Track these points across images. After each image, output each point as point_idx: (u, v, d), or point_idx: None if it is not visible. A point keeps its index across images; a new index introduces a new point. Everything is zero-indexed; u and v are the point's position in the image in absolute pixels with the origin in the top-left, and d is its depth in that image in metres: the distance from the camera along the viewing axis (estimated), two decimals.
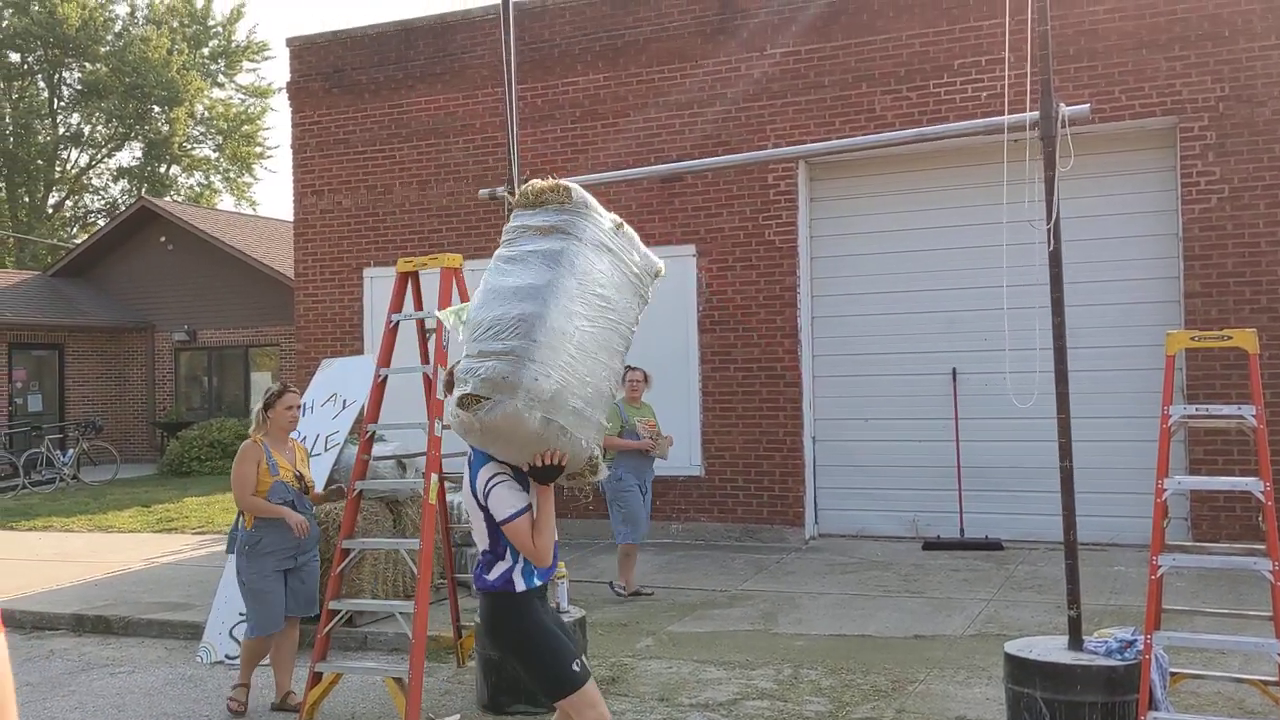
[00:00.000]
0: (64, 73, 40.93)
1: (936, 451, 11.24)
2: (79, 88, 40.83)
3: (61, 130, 41.44)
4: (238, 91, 44.55)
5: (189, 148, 43.02)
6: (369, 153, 13.62)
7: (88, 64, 40.07)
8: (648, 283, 4.45)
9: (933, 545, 10.85)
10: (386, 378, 6.90)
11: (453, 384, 4.19)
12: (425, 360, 7.03)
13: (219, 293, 24.17)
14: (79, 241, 32.77)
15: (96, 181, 43.66)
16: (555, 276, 4.02)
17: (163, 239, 24.96)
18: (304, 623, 7.92)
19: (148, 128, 41.19)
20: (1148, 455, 7.34)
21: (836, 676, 6.88)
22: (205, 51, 43.17)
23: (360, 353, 13.01)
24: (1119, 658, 5.26)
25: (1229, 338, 5.58)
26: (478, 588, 4.25)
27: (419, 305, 6.98)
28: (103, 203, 43.37)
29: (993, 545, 10.64)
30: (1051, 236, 5.61)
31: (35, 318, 23.25)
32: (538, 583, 4.16)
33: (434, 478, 6.40)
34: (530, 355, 3.88)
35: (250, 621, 6.62)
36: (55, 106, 41.29)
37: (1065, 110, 5.65)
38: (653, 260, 4.50)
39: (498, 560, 4.15)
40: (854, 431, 11.69)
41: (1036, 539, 10.54)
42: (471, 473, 4.18)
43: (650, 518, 9.62)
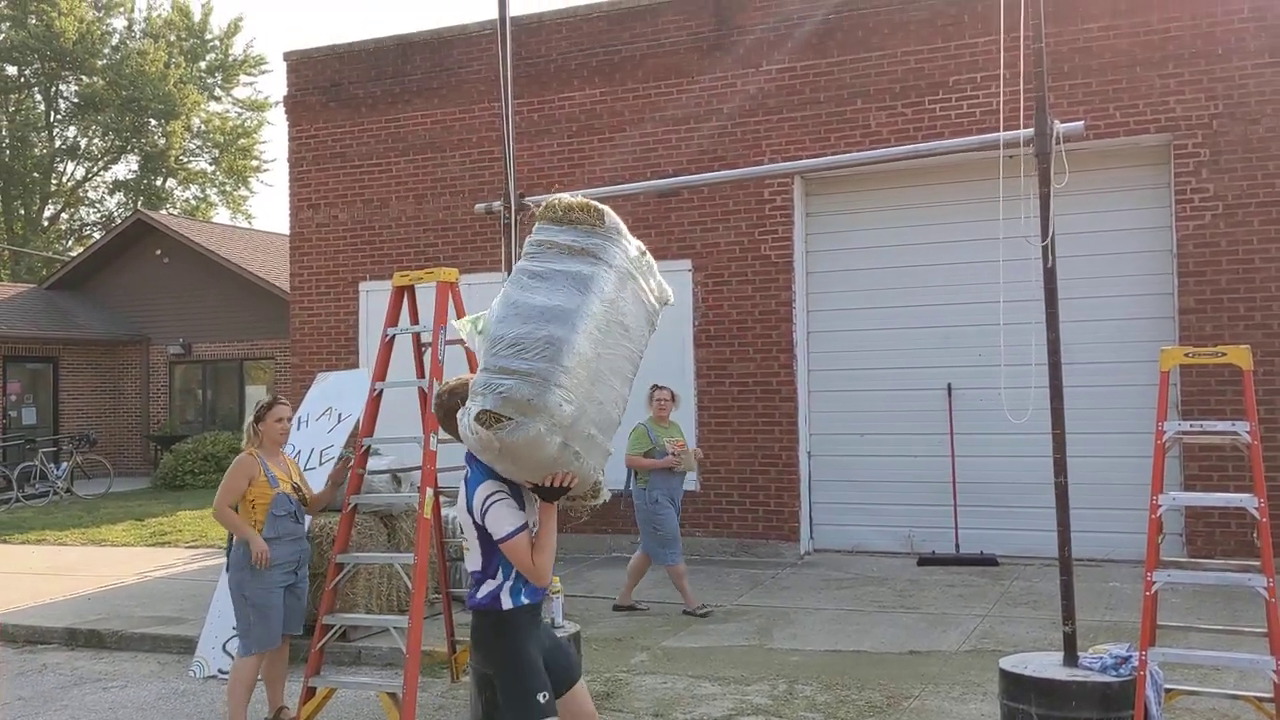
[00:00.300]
0: (60, 86, 40.99)
1: (932, 467, 11.24)
2: (75, 101, 40.89)
3: (58, 143, 41.48)
4: (234, 105, 44.68)
5: (185, 161, 43.07)
6: (365, 166, 13.64)
7: (84, 77, 40.12)
8: (659, 311, 4.42)
9: (928, 561, 10.84)
10: (382, 392, 6.89)
11: (460, 397, 4.14)
12: (421, 375, 7.03)
13: (214, 306, 24.17)
14: (74, 254, 32.77)
15: (92, 194, 43.75)
16: (585, 302, 3.97)
17: (158, 252, 24.96)
18: (296, 637, 7.91)
19: (144, 141, 41.24)
20: (1142, 471, 7.35)
21: (831, 692, 6.86)
22: (202, 65, 43.26)
23: (356, 366, 13.00)
24: (1114, 674, 5.25)
25: (1223, 354, 5.59)
26: (468, 605, 4.23)
27: (415, 319, 6.98)
28: (98, 216, 43.42)
29: (988, 561, 10.64)
30: (1047, 253, 5.62)
31: (30, 330, 23.23)
32: (525, 601, 4.11)
33: (429, 492, 6.39)
34: (555, 379, 3.83)
35: (251, 637, 6.40)
36: (52, 119, 41.33)
37: (1060, 127, 5.68)
38: (665, 289, 4.47)
39: (488, 579, 4.13)
40: (849, 446, 11.69)
41: (1031, 555, 10.53)
42: (468, 490, 4.13)
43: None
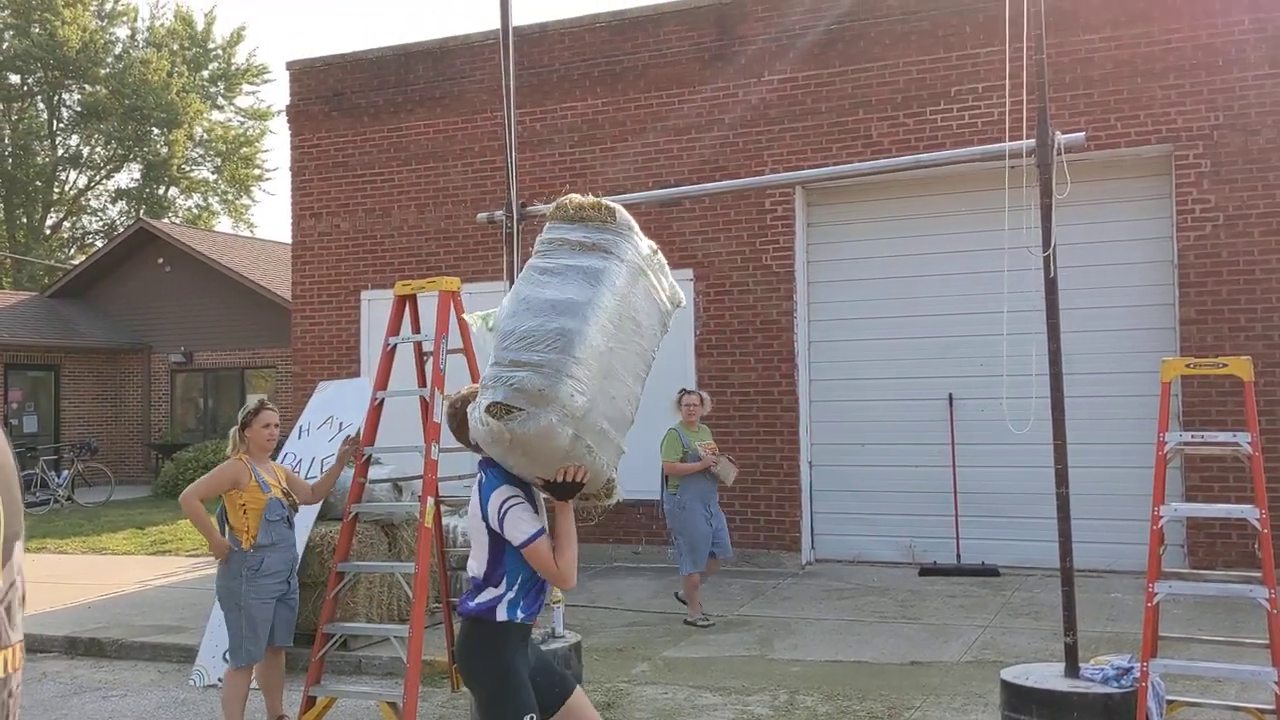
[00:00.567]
0: (63, 94, 41.04)
1: (933, 477, 11.23)
2: (78, 109, 40.94)
3: (60, 151, 41.53)
4: (237, 114, 44.70)
5: (187, 170, 43.11)
6: (367, 176, 13.66)
7: (87, 86, 40.19)
8: (671, 312, 4.41)
9: (929, 571, 10.83)
10: (383, 400, 6.89)
11: (470, 398, 4.12)
12: (422, 383, 7.03)
13: (216, 314, 24.18)
14: (76, 262, 32.80)
15: (95, 203, 43.76)
16: (596, 295, 3.97)
17: (160, 260, 24.98)
18: (298, 645, 7.90)
19: (146, 150, 41.29)
20: (1144, 482, 7.34)
21: (833, 703, 6.85)
22: (205, 74, 43.32)
23: (357, 375, 13.00)
24: (1115, 685, 5.25)
25: (1224, 365, 5.60)
26: (459, 612, 4.13)
27: (416, 328, 6.99)
28: (101, 224, 43.46)
29: (989, 571, 10.62)
30: (1048, 263, 5.63)
31: (32, 338, 23.24)
32: (520, 617, 4.02)
33: (430, 501, 6.39)
34: (567, 370, 3.81)
35: (243, 649, 6.30)
36: (54, 128, 41.39)
37: (1061, 138, 5.69)
38: (678, 291, 4.47)
39: (489, 587, 4.03)
40: (851, 456, 11.68)
41: (1033, 565, 10.51)
42: (482, 496, 4.04)
43: (727, 535, 9.32)
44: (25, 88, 40.53)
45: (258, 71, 44.11)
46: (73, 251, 42.13)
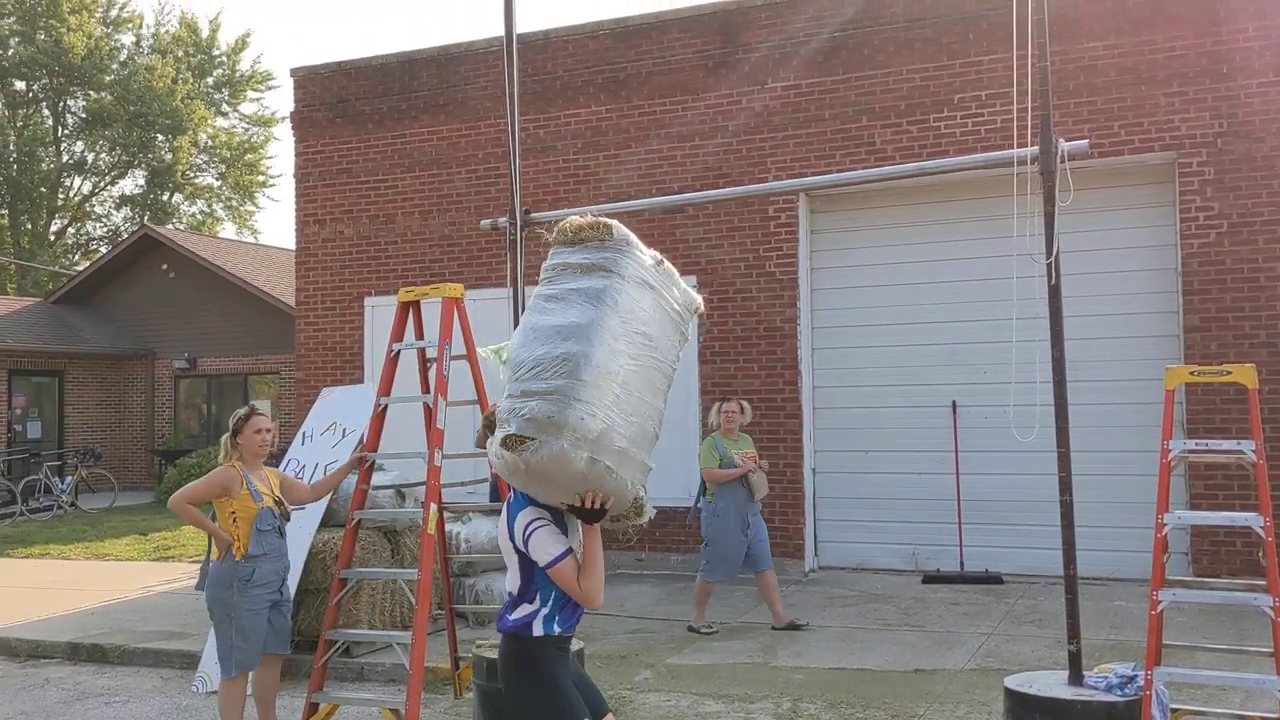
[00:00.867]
0: (68, 101, 41.15)
1: (936, 484, 11.22)
2: (83, 116, 41.04)
3: (65, 158, 41.63)
4: (241, 120, 44.82)
5: (192, 176, 43.19)
6: (371, 182, 13.68)
7: (92, 92, 40.29)
8: (687, 319, 4.38)
9: (933, 578, 10.81)
10: (386, 407, 6.89)
11: (494, 426, 4.07)
12: (426, 390, 7.03)
13: (220, 320, 24.20)
14: (81, 268, 32.84)
15: (99, 209, 43.82)
16: (599, 315, 3.96)
17: (164, 266, 25.01)
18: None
19: (151, 156, 41.37)
20: (1148, 489, 7.33)
21: (836, 710, 6.84)
22: (209, 81, 43.42)
23: (361, 381, 13.01)
24: (1119, 693, 5.23)
25: (1228, 373, 5.59)
26: (498, 628, 4.15)
27: (420, 335, 6.99)
28: (105, 230, 43.51)
29: (993, 579, 10.60)
30: (1051, 270, 5.63)
31: (36, 344, 23.27)
32: (557, 630, 4.02)
33: (433, 507, 6.38)
34: (575, 394, 3.81)
35: (231, 660, 6.23)
36: (59, 134, 41.50)
37: (1064, 145, 5.69)
38: (692, 296, 4.44)
39: (524, 603, 4.05)
40: (854, 464, 11.66)
41: (1036, 573, 10.50)
42: (509, 516, 4.07)
43: (765, 546, 9.17)
44: (30, 94, 40.64)
45: (262, 78, 44.23)
46: (77, 257, 42.21)
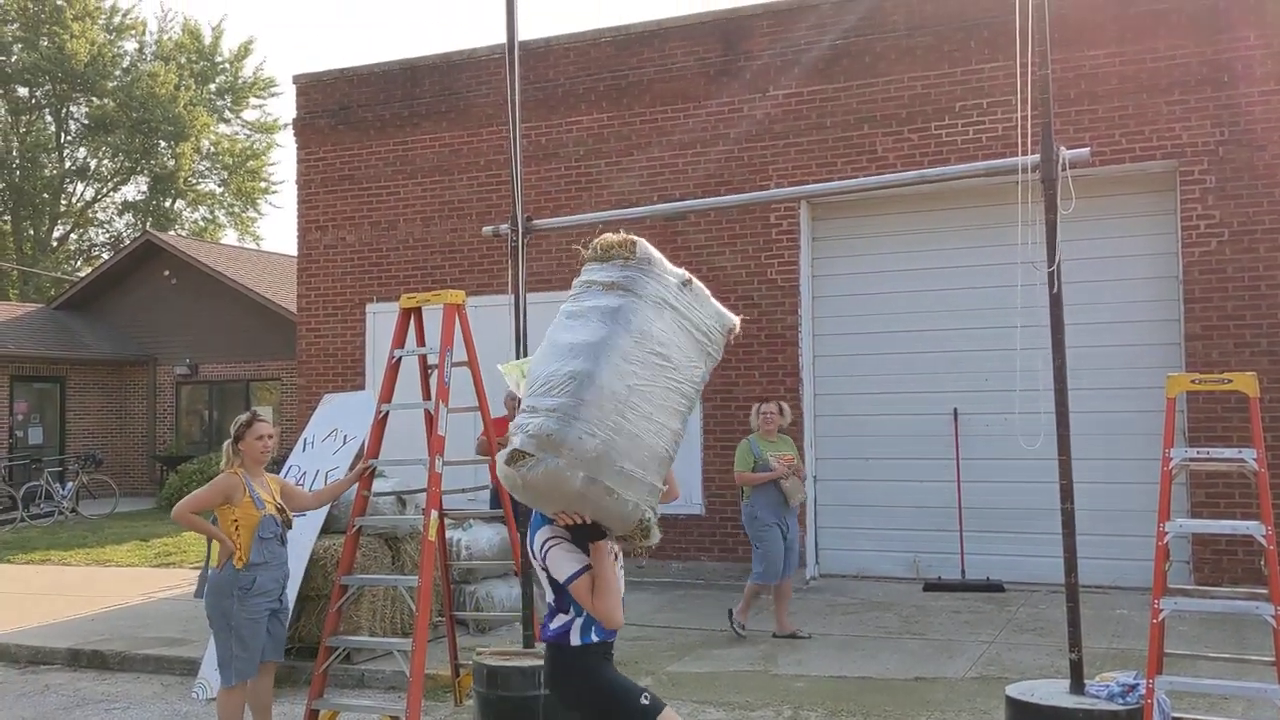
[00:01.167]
0: (71, 107, 41.23)
1: (938, 492, 11.21)
2: (86, 122, 41.13)
3: (68, 164, 41.71)
4: (244, 127, 44.88)
5: (194, 182, 43.26)
6: (373, 189, 13.70)
7: (95, 99, 40.37)
8: (717, 340, 4.31)
9: (934, 586, 10.80)
10: (388, 414, 6.89)
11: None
12: (427, 396, 7.03)
13: (221, 327, 24.22)
14: (83, 275, 32.88)
15: (101, 215, 43.91)
16: (609, 334, 3.94)
17: (166, 273, 25.04)
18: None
19: (153, 162, 41.45)
20: (1149, 497, 7.32)
21: (837, 718, 6.82)
22: (212, 87, 43.51)
23: (362, 388, 13.02)
24: (1121, 702, 5.22)
25: (1229, 381, 5.59)
26: (540, 637, 4.24)
27: (421, 341, 7.00)
28: (107, 236, 43.60)
29: (994, 587, 10.59)
30: (1053, 279, 5.63)
31: (37, 350, 23.30)
32: (595, 639, 4.07)
33: (434, 514, 6.38)
34: (576, 413, 3.81)
35: (231, 668, 6.20)
36: (62, 140, 41.58)
37: (1066, 153, 5.69)
38: (726, 317, 4.36)
39: (559, 613, 4.12)
40: (855, 471, 11.66)
41: (1038, 581, 10.48)
42: (531, 532, 4.16)
43: (796, 555, 9.22)
44: (33, 100, 40.72)
45: (265, 85, 44.31)
46: (79, 264, 42.26)
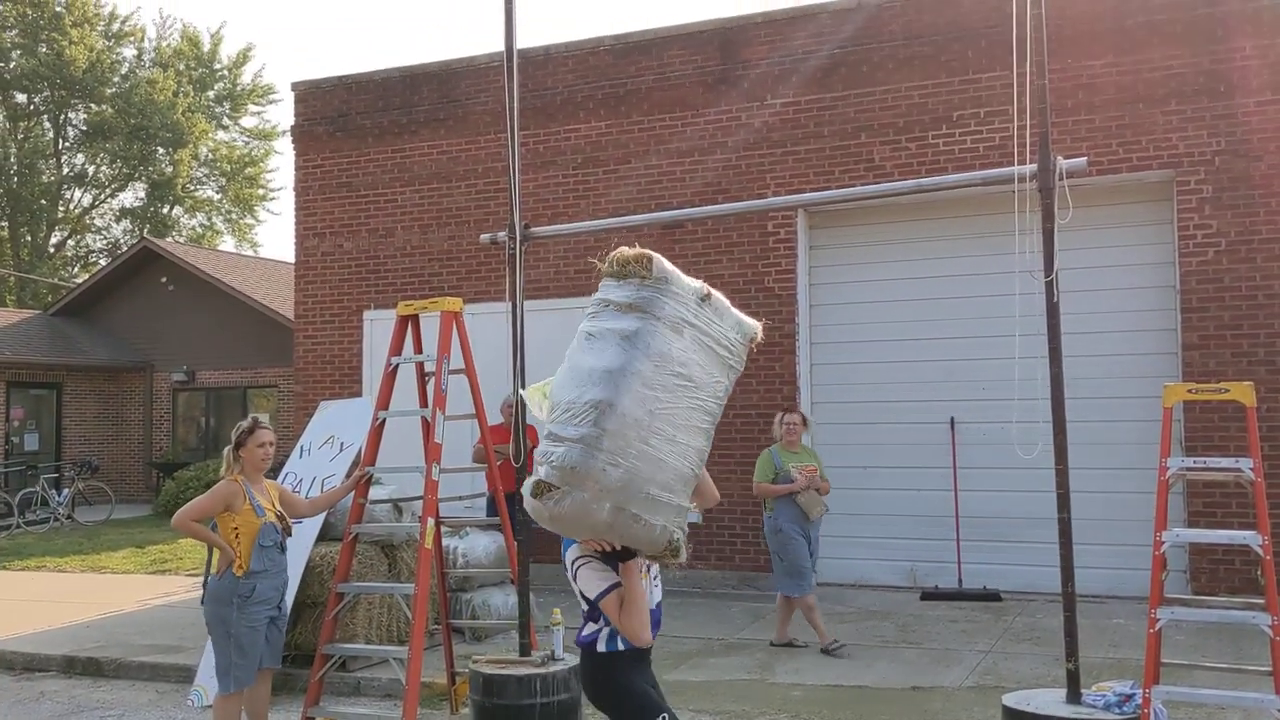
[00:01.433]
0: (69, 113, 41.23)
1: (935, 501, 11.21)
2: (84, 128, 41.13)
3: (66, 170, 41.70)
4: (242, 134, 44.91)
5: (192, 189, 43.25)
6: (371, 196, 13.70)
7: (93, 105, 40.39)
8: (739, 351, 4.32)
9: (931, 595, 10.79)
10: (385, 421, 6.89)
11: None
12: (424, 404, 7.03)
13: (218, 333, 24.20)
14: (80, 281, 32.85)
15: (99, 221, 43.87)
16: (628, 360, 3.94)
17: (163, 280, 25.02)
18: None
19: (151, 169, 41.44)
20: (1146, 507, 7.33)
21: None
22: (210, 94, 43.53)
23: (359, 395, 13.01)
24: (1118, 712, 5.22)
25: (1226, 390, 5.59)
26: (576, 641, 4.35)
27: (418, 348, 7.00)
28: (105, 243, 43.55)
29: (991, 596, 10.59)
30: (1051, 288, 5.63)
31: (34, 357, 23.26)
32: (621, 647, 4.15)
33: (430, 522, 6.37)
34: (600, 444, 3.83)
35: (230, 676, 6.20)
36: (60, 147, 41.57)
37: (1063, 163, 5.70)
38: (746, 326, 4.38)
39: (589, 622, 4.23)
40: (852, 480, 11.63)
41: (1035, 590, 10.48)
42: (564, 548, 4.25)
43: (814, 568, 9.07)
44: (32, 106, 40.73)
45: (263, 92, 44.33)
46: (76, 270, 42.23)
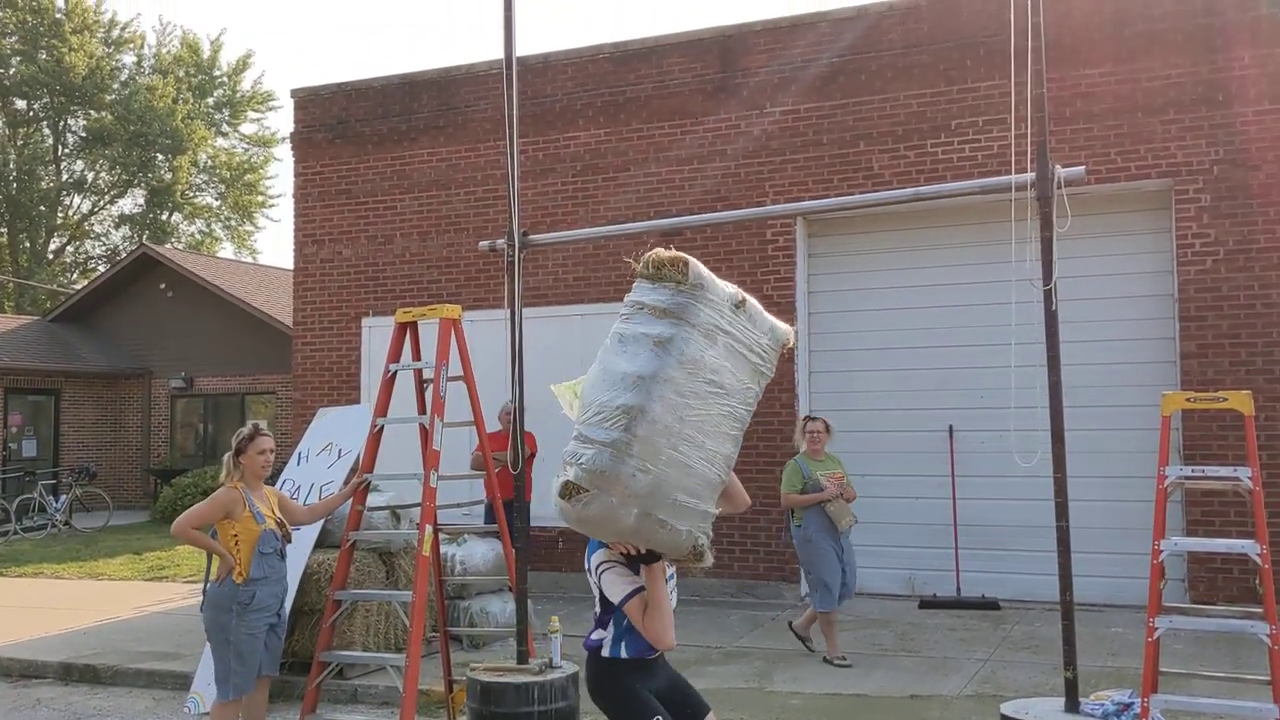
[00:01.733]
0: (69, 120, 41.28)
1: (933, 509, 11.20)
2: (83, 135, 41.17)
3: (65, 176, 41.72)
4: (241, 141, 44.93)
5: (191, 196, 43.28)
6: (370, 203, 13.71)
7: (93, 111, 40.43)
8: (771, 357, 4.33)
9: (929, 604, 10.78)
10: (383, 428, 6.89)
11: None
12: (422, 411, 7.02)
13: (217, 340, 24.19)
14: (79, 287, 32.85)
15: (98, 228, 43.89)
16: (661, 367, 3.95)
17: (162, 286, 25.02)
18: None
19: (151, 175, 41.47)
20: (1144, 515, 7.32)
21: None
22: (210, 101, 43.57)
23: (357, 402, 13.00)
24: None
25: (1224, 399, 5.60)
26: (584, 644, 4.42)
27: (417, 355, 6.99)
28: (104, 249, 43.55)
29: (989, 605, 10.58)
30: (1049, 296, 5.63)
31: (33, 363, 23.25)
32: (624, 654, 4.22)
33: (428, 529, 6.37)
34: (630, 449, 3.85)
35: (229, 683, 6.18)
36: (59, 153, 41.61)
37: (1061, 172, 5.70)
38: (779, 331, 4.38)
39: (599, 627, 4.30)
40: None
41: (1033, 599, 10.47)
42: (588, 551, 4.32)
43: (854, 578, 8.88)
44: (31, 113, 40.77)
45: (263, 98, 44.38)
46: (75, 276, 42.23)
